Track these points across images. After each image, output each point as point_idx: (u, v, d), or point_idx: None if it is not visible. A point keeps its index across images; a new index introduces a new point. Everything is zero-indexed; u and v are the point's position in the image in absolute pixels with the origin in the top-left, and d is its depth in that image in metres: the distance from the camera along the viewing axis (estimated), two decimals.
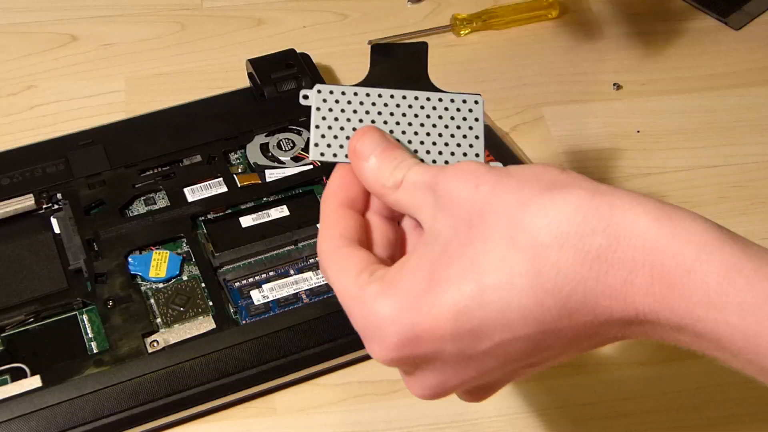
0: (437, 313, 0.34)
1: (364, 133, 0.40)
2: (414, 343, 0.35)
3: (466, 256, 0.34)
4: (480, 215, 0.35)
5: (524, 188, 0.35)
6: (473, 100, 0.42)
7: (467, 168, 0.36)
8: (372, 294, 0.36)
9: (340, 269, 0.38)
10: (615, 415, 0.51)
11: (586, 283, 0.33)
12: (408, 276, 0.35)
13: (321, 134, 0.41)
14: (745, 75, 0.71)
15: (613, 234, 0.33)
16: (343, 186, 0.40)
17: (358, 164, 0.39)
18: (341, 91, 0.42)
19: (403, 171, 0.38)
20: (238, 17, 0.76)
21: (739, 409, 0.52)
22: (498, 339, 0.34)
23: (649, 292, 0.32)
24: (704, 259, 0.31)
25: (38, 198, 0.58)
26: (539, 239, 0.33)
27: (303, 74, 0.65)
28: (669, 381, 0.53)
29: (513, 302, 0.33)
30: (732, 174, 0.64)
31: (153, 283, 0.54)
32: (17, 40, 0.73)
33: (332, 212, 0.40)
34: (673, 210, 0.33)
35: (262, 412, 0.52)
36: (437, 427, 0.51)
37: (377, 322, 0.35)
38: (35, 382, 0.49)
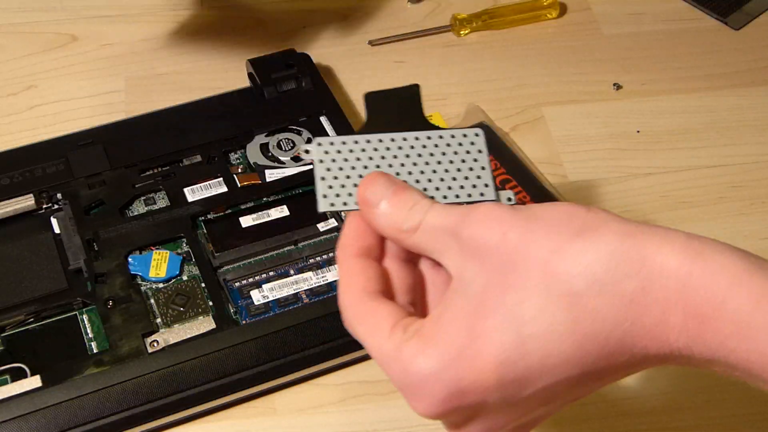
0: (480, 366, 0.35)
1: (371, 179, 0.40)
2: (460, 397, 0.35)
3: (504, 307, 0.35)
4: (512, 264, 0.35)
5: (553, 234, 0.35)
6: (473, 133, 0.42)
7: (492, 214, 0.36)
8: (411, 352, 0.36)
9: (370, 326, 0.37)
10: (615, 415, 0.51)
11: (623, 326, 0.34)
12: (447, 330, 0.35)
13: (328, 185, 0.41)
14: (745, 75, 0.71)
15: (646, 276, 0.33)
16: (357, 236, 0.40)
17: (370, 212, 0.39)
18: (341, 141, 0.42)
19: (419, 214, 0.38)
20: (238, 17, 0.76)
21: (740, 409, 0.52)
22: (541, 384, 0.35)
23: (683, 329, 0.33)
24: (735, 292, 0.32)
25: (38, 198, 0.58)
26: (575, 288, 0.34)
27: (303, 74, 0.65)
28: (669, 381, 0.53)
29: (554, 350, 0.34)
30: (732, 174, 0.64)
31: (153, 283, 0.54)
32: (17, 40, 0.73)
33: (350, 265, 0.39)
34: (702, 244, 0.33)
35: (262, 412, 0.52)
36: (437, 427, 0.51)
37: (421, 380, 0.35)
38: (35, 382, 0.49)
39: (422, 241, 0.38)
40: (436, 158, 0.42)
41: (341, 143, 0.42)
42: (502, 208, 0.36)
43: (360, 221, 0.40)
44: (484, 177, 0.41)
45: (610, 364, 0.35)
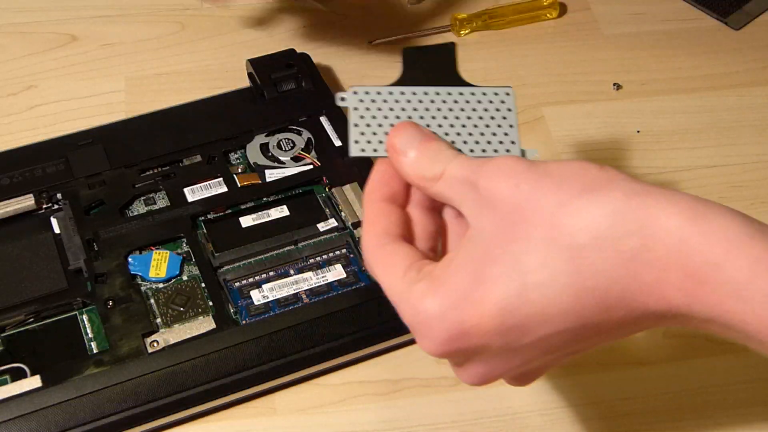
0: (483, 310, 0.36)
1: (402, 128, 0.41)
2: (462, 339, 0.37)
3: (510, 255, 0.36)
4: (521, 214, 0.36)
5: (563, 188, 0.36)
6: (504, 92, 0.44)
7: (507, 165, 0.37)
8: (420, 291, 0.37)
9: (387, 266, 0.39)
10: (615, 415, 0.51)
11: (623, 281, 0.35)
12: (454, 274, 0.37)
13: (360, 132, 0.42)
14: (745, 75, 0.71)
15: (648, 234, 0.34)
16: (383, 181, 0.41)
17: (397, 158, 0.41)
18: (376, 91, 0.43)
19: (443, 163, 0.39)
20: (238, 17, 0.76)
21: (740, 409, 0.52)
22: (541, 333, 0.36)
23: (681, 287, 0.34)
24: (734, 254, 0.33)
25: (38, 198, 0.58)
26: (578, 240, 0.35)
27: (303, 74, 0.65)
28: (669, 381, 0.53)
29: (554, 299, 0.35)
30: (732, 174, 0.64)
31: (153, 283, 0.54)
32: (17, 40, 0.73)
33: (375, 208, 0.41)
34: (706, 207, 0.34)
35: (262, 412, 0.52)
36: (437, 427, 0.51)
37: (427, 320, 0.37)
38: (35, 382, 0.49)
39: (444, 189, 0.39)
40: (466, 113, 0.43)
41: (376, 93, 0.43)
42: (518, 161, 0.38)
43: (387, 167, 0.41)
44: (511, 134, 0.43)
45: (609, 318, 0.36)
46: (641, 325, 0.37)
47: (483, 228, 0.37)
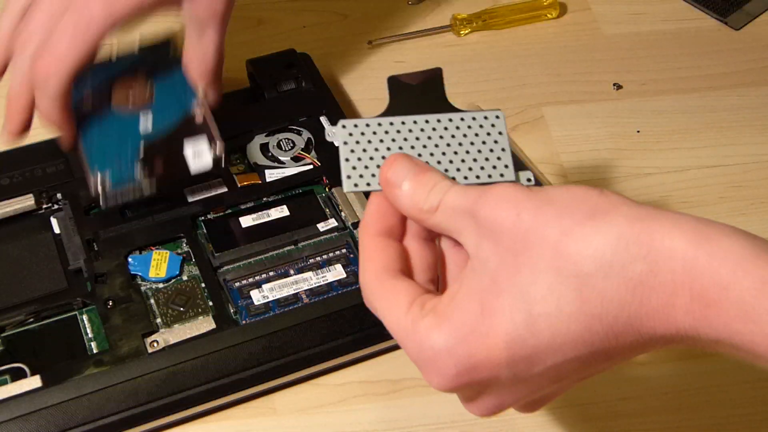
0: (492, 343, 0.36)
1: (395, 161, 0.40)
2: (471, 372, 0.37)
3: (515, 286, 0.36)
4: (524, 244, 0.36)
5: (565, 216, 0.36)
6: (494, 115, 0.43)
7: (506, 195, 0.37)
8: (426, 327, 0.37)
9: (389, 303, 0.39)
10: (615, 415, 0.51)
11: (630, 307, 0.35)
12: (460, 307, 0.37)
13: (352, 166, 0.42)
14: (745, 75, 0.71)
15: (654, 260, 0.34)
16: (379, 215, 0.41)
17: (392, 192, 0.40)
18: (365, 123, 0.43)
19: (439, 194, 0.39)
20: (238, 17, 0.75)
21: (739, 409, 0.52)
22: (550, 363, 0.36)
23: (689, 311, 0.34)
24: (740, 275, 0.33)
25: (38, 198, 0.58)
26: (584, 269, 0.35)
27: (303, 74, 0.65)
28: (669, 381, 0.53)
29: (562, 329, 0.35)
30: (732, 174, 0.64)
31: (153, 283, 0.54)
32: None
33: (371, 243, 0.40)
34: (710, 228, 0.34)
35: (262, 412, 0.52)
36: (437, 427, 0.51)
37: (434, 355, 0.37)
38: (35, 382, 0.49)
39: (442, 220, 0.39)
40: (457, 140, 0.42)
41: (365, 125, 0.43)
42: (517, 189, 0.37)
43: (382, 201, 0.41)
44: (504, 158, 0.42)
45: (618, 344, 0.36)
46: (649, 348, 0.37)
47: (486, 259, 0.37)
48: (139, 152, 0.53)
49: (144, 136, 0.54)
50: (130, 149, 0.54)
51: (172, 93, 0.57)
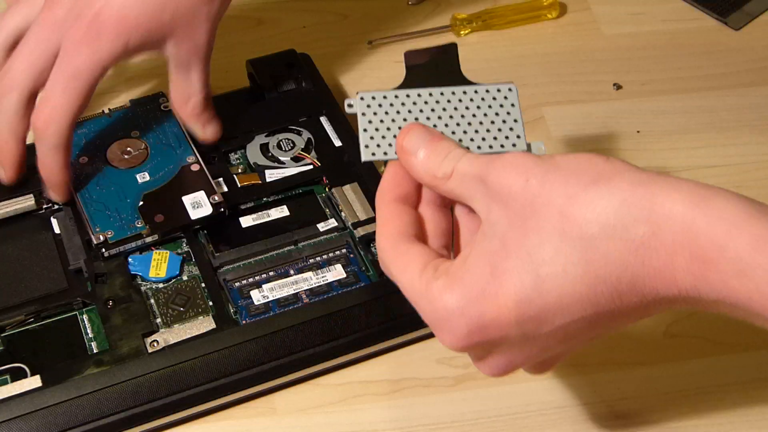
0: (501, 303, 0.38)
1: (410, 130, 0.43)
2: (482, 332, 0.39)
3: (523, 249, 0.38)
4: (532, 208, 0.38)
5: (571, 181, 0.38)
6: (507, 88, 0.45)
7: (515, 161, 0.39)
8: (439, 289, 0.39)
9: (404, 266, 0.41)
10: (615, 415, 0.51)
11: (633, 268, 0.36)
12: (471, 270, 0.39)
13: (369, 136, 0.44)
14: (745, 75, 0.71)
15: (655, 221, 0.36)
16: (395, 183, 0.43)
17: (408, 159, 0.42)
18: (383, 95, 0.45)
19: (452, 162, 0.41)
20: (238, 17, 0.75)
21: (739, 409, 0.52)
22: (558, 322, 0.38)
23: (689, 270, 0.36)
24: (735, 234, 0.34)
25: (38, 198, 0.58)
26: (588, 231, 0.37)
27: (303, 74, 0.65)
28: (669, 381, 0.53)
29: (568, 289, 0.37)
30: (732, 174, 0.64)
31: (153, 283, 0.54)
32: None
33: (387, 209, 0.43)
34: (709, 192, 0.36)
35: (262, 412, 0.52)
36: (437, 427, 0.51)
37: (447, 315, 0.39)
38: (35, 382, 0.49)
39: (455, 187, 0.41)
40: (471, 111, 0.44)
41: (382, 97, 0.45)
42: (526, 157, 0.39)
43: (398, 169, 0.43)
44: (516, 129, 0.44)
45: (622, 305, 0.37)
46: (653, 310, 0.38)
47: (495, 222, 0.39)
48: (139, 204, 0.55)
49: (142, 189, 0.56)
50: (129, 204, 0.55)
51: (167, 144, 0.59)
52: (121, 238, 0.54)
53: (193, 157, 0.58)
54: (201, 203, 0.56)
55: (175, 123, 0.60)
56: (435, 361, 0.53)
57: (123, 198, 0.56)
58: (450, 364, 0.53)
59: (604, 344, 0.54)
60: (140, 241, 0.54)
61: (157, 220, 0.55)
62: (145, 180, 0.57)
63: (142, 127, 0.60)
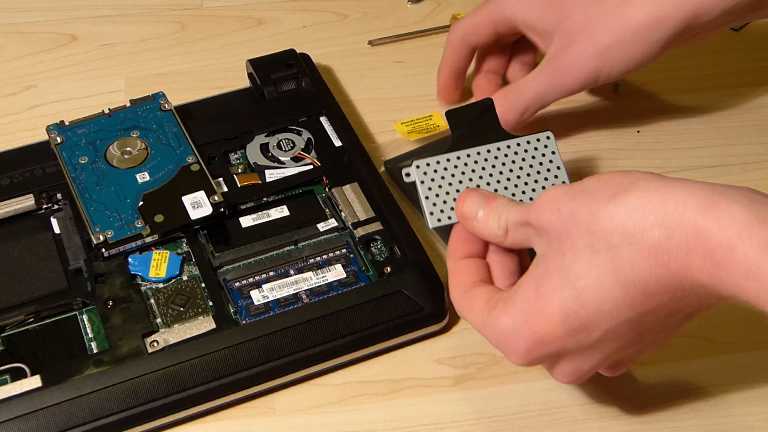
0: (549, 319, 0.42)
1: (466, 197, 0.48)
2: (539, 346, 0.43)
3: (561, 268, 0.42)
4: (565, 232, 0.42)
5: (594, 200, 0.41)
6: (545, 136, 0.51)
7: (547, 196, 0.43)
8: (496, 315, 0.44)
9: (471, 307, 0.46)
10: (615, 415, 0.51)
11: (655, 270, 0.39)
12: (520, 294, 0.43)
13: (432, 203, 0.49)
14: (745, 75, 0.71)
15: (668, 225, 0.39)
16: (460, 242, 0.48)
17: (469, 224, 0.48)
18: (436, 161, 0.49)
19: (504, 217, 0.46)
20: (238, 17, 0.76)
21: (739, 409, 0.52)
22: (605, 327, 0.42)
23: (703, 270, 0.38)
24: (745, 237, 0.37)
25: (38, 198, 0.58)
26: (612, 241, 0.40)
27: (303, 74, 0.65)
28: (669, 381, 0.53)
29: (605, 297, 0.41)
30: (732, 174, 0.64)
31: (153, 283, 0.54)
32: (17, 40, 0.73)
33: (456, 265, 0.48)
34: (720, 196, 0.38)
35: (262, 412, 0.52)
36: (437, 427, 0.51)
37: (505, 338, 0.44)
38: (35, 382, 0.49)
39: (513, 239, 0.46)
40: (517, 164, 0.50)
41: (436, 162, 0.49)
42: (557, 189, 0.43)
43: (462, 230, 0.48)
44: (560, 175, 0.50)
45: (658, 304, 0.41)
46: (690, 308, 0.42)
47: (542, 253, 0.44)
48: (139, 204, 0.55)
49: (142, 189, 0.56)
50: (129, 204, 0.55)
51: (167, 144, 0.59)
52: (121, 238, 0.54)
53: (193, 157, 0.58)
54: (201, 203, 0.56)
55: (175, 123, 0.60)
56: (435, 361, 0.53)
57: (123, 198, 0.56)
58: (450, 364, 0.53)
59: None
60: (140, 241, 0.54)
61: (157, 220, 0.55)
62: (145, 180, 0.57)
63: (142, 127, 0.60)
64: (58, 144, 0.59)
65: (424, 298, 0.53)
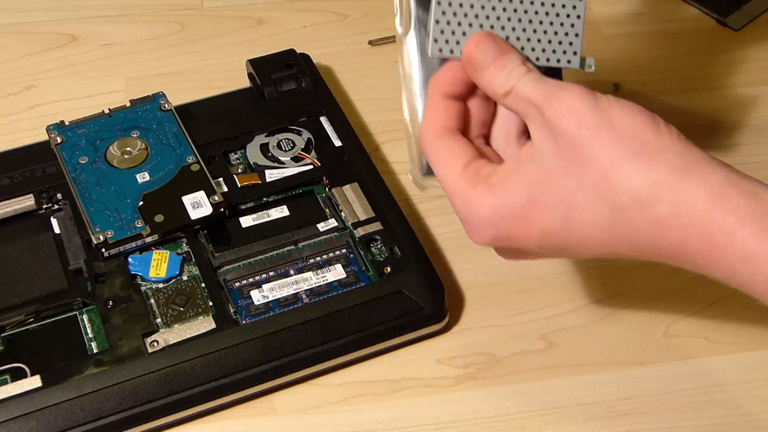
0: (529, 228, 0.42)
1: (480, 40, 0.44)
2: (504, 242, 0.44)
3: (560, 189, 0.41)
4: (577, 157, 0.41)
5: (618, 147, 0.40)
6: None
7: (573, 104, 0.41)
8: (477, 195, 0.43)
9: (446, 161, 0.44)
10: (615, 415, 0.51)
11: (650, 238, 0.40)
12: (510, 190, 0.42)
13: (440, 30, 0.44)
14: (745, 75, 0.71)
15: (677, 204, 0.39)
16: (452, 81, 0.45)
17: (473, 69, 0.44)
18: None
19: (513, 80, 0.43)
20: (238, 17, 0.76)
21: (740, 409, 0.52)
22: (576, 254, 0.44)
23: (699, 251, 0.39)
24: (746, 223, 0.38)
25: (38, 198, 0.58)
26: (621, 198, 0.40)
27: (303, 74, 0.65)
28: (669, 381, 0.53)
29: (593, 235, 0.42)
30: None
31: (153, 283, 0.54)
32: (17, 40, 0.73)
33: (437, 101, 0.45)
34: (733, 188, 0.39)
35: (262, 412, 0.52)
36: (437, 427, 0.51)
37: (477, 222, 0.43)
38: (35, 382, 0.49)
39: (512, 104, 0.43)
40: (539, 18, 0.45)
41: None
42: (585, 101, 0.41)
43: (458, 69, 0.45)
44: (575, 44, 0.46)
45: (638, 256, 0.42)
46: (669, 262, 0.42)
47: (543, 151, 0.42)
48: (139, 204, 0.55)
49: (142, 189, 0.56)
50: (129, 204, 0.55)
51: (167, 144, 0.59)
52: (121, 238, 0.54)
53: (193, 157, 0.58)
54: (201, 203, 0.56)
55: (175, 123, 0.60)
56: (435, 361, 0.53)
57: (123, 198, 0.56)
58: (450, 364, 0.53)
59: (604, 344, 0.54)
60: (140, 241, 0.54)
61: (157, 220, 0.55)
62: (145, 180, 0.57)
63: (142, 127, 0.60)
64: (58, 144, 0.59)
65: (424, 298, 0.53)
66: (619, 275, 0.58)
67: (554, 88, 0.42)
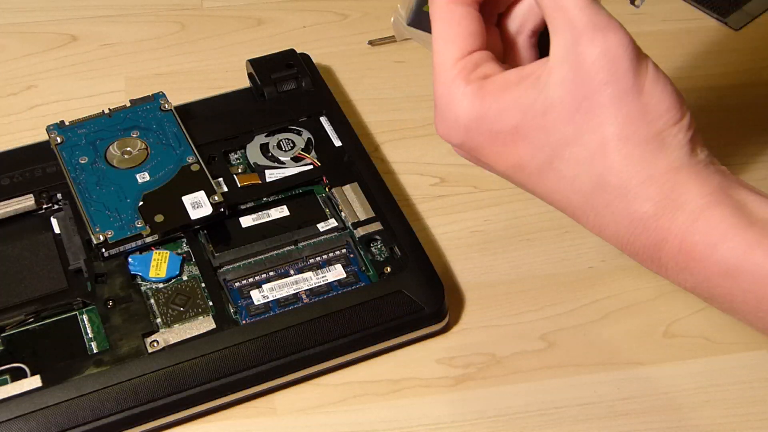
0: (504, 154, 0.39)
1: None
2: (472, 151, 0.41)
3: (556, 134, 0.38)
4: (587, 113, 0.38)
5: (631, 125, 0.37)
6: None
7: (616, 52, 0.37)
8: (465, 94, 0.39)
9: (448, 37, 0.40)
10: (615, 415, 0.51)
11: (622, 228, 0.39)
12: (502, 106, 0.39)
13: None
14: (745, 75, 0.71)
15: (665, 206, 0.38)
16: None
17: None
18: None
19: None
20: (238, 17, 0.76)
21: (740, 409, 0.52)
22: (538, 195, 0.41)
23: (673, 258, 0.38)
24: (730, 236, 0.36)
25: (38, 198, 0.58)
26: (610, 179, 0.38)
27: (303, 74, 0.65)
28: (669, 381, 0.53)
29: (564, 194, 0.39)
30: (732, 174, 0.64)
31: (153, 283, 0.54)
32: (17, 40, 0.73)
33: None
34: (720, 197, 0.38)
35: (262, 412, 0.52)
36: (437, 427, 0.51)
37: (454, 121, 0.40)
38: (35, 382, 0.49)
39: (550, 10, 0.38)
40: None
41: None
42: (626, 55, 0.37)
43: None
44: None
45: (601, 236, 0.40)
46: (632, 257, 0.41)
47: (554, 83, 0.38)
48: (139, 204, 0.55)
49: (142, 189, 0.56)
50: (129, 204, 0.55)
51: (167, 144, 0.59)
52: (121, 238, 0.54)
53: (193, 157, 0.58)
54: (201, 203, 0.56)
55: (175, 123, 0.60)
56: (435, 361, 0.53)
57: (123, 198, 0.56)
58: (450, 364, 0.53)
59: (605, 344, 0.54)
60: (140, 241, 0.54)
61: (157, 220, 0.55)
62: (145, 180, 0.57)
63: (142, 127, 0.60)
64: (58, 144, 0.59)
65: (424, 298, 0.53)
66: (619, 275, 0.58)
67: (603, 21, 0.37)
